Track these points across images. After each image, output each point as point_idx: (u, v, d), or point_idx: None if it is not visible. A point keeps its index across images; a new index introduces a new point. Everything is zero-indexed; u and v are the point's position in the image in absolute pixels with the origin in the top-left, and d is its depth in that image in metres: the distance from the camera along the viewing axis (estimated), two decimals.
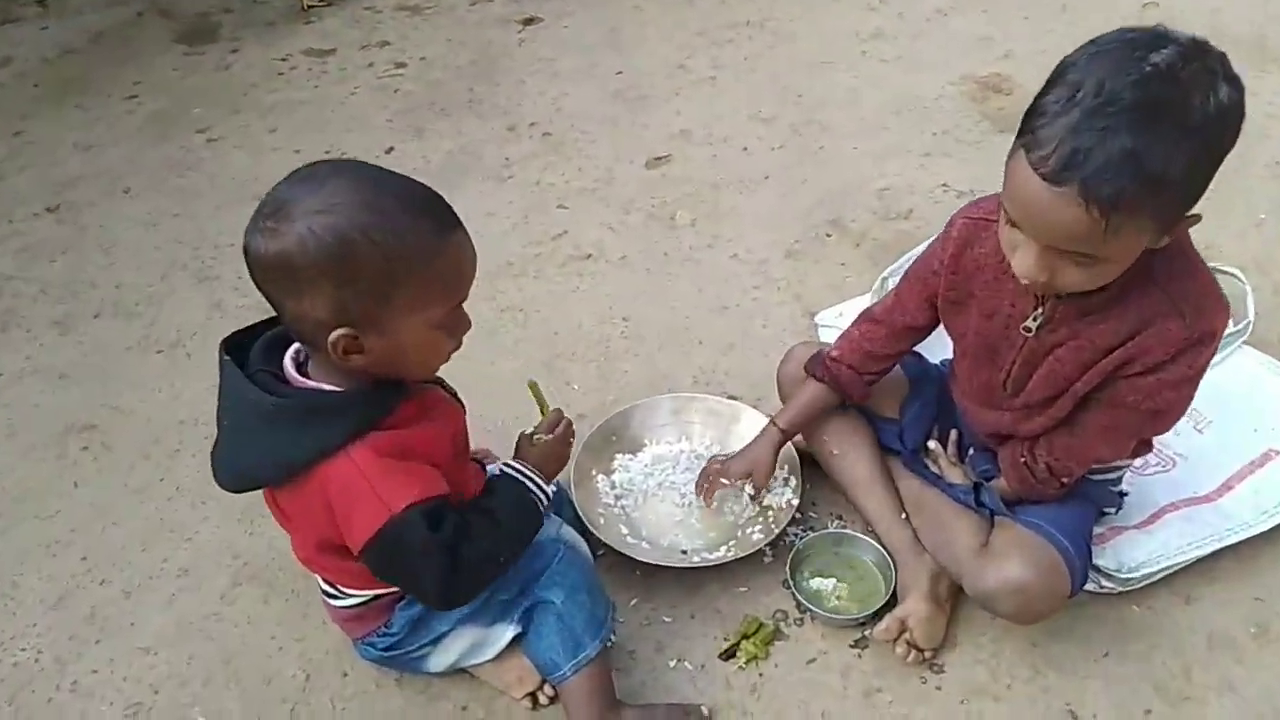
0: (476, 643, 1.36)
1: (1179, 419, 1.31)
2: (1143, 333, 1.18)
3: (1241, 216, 2.21)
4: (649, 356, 1.99)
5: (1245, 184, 2.29)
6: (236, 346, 1.16)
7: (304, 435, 1.11)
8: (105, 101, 2.96)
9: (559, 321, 2.09)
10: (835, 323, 1.94)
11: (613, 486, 1.65)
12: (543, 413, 1.38)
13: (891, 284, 1.78)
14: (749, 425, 1.71)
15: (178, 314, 2.13)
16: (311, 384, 1.14)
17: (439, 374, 1.30)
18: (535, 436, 1.33)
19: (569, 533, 1.37)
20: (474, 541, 1.14)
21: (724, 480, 1.58)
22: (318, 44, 3.30)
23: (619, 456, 1.70)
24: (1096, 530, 1.50)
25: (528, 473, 1.27)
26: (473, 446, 1.34)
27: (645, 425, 1.74)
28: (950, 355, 1.51)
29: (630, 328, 2.06)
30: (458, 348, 1.18)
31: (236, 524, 1.68)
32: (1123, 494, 1.52)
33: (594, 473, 1.65)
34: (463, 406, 1.32)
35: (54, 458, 1.84)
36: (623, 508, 1.63)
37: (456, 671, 1.41)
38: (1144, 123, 0.98)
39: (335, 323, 1.05)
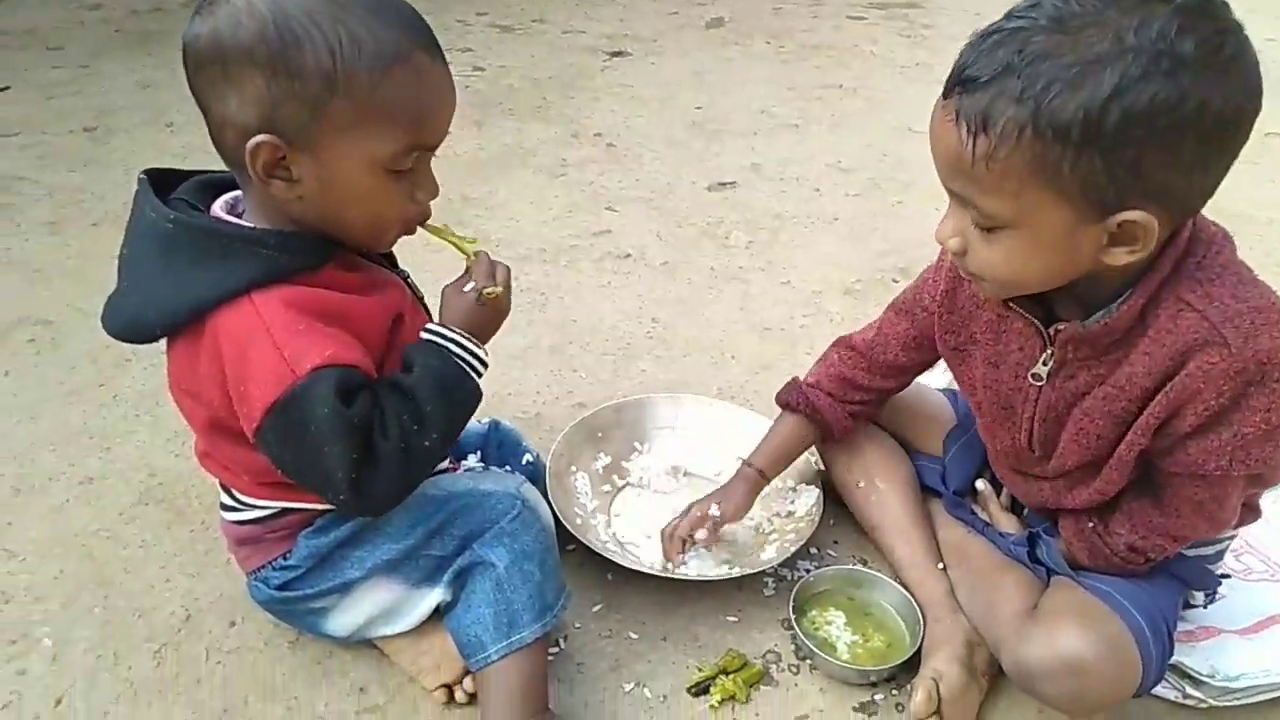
0: (392, 606, 1.09)
1: None
2: (1182, 370, 0.91)
3: None
4: (672, 361, 1.75)
5: None
6: (167, 182, 0.96)
7: (202, 270, 0.89)
8: (177, 53, 2.89)
9: (580, 311, 1.87)
10: None
11: (593, 488, 1.38)
12: (463, 252, 1.06)
13: None
14: (755, 436, 1.42)
15: None
16: (227, 216, 0.93)
17: (409, 272, 1.09)
18: (469, 288, 1.02)
19: (531, 491, 1.10)
20: (389, 425, 0.89)
21: (688, 530, 1.25)
22: None
23: (602, 456, 1.42)
24: (1182, 626, 1.19)
25: (452, 335, 0.98)
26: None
27: (638, 426, 1.48)
28: None
29: (658, 331, 1.83)
30: (421, 216, 0.97)
31: (165, 442, 1.45)
32: (1224, 576, 1.20)
33: (574, 469, 1.39)
34: (428, 312, 1.09)
35: None
36: (604, 513, 1.36)
37: (363, 643, 1.14)
38: (1041, 36, 0.79)
39: (259, 129, 0.85)
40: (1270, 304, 0.90)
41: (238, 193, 0.97)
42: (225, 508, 1.09)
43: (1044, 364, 1.02)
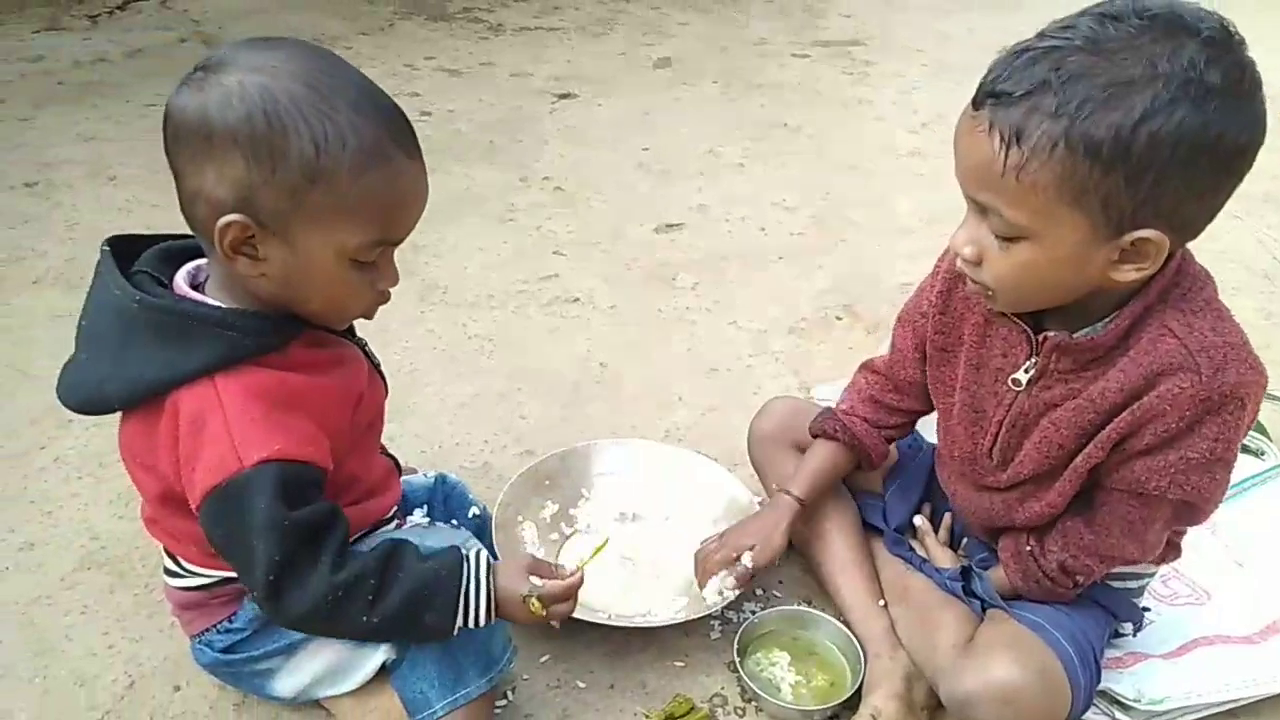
0: (338, 665, 1.10)
1: (1214, 508, 1.07)
2: (1152, 390, 0.96)
3: None
4: (620, 405, 1.77)
5: None
6: (129, 250, 0.97)
7: (166, 350, 0.90)
8: (122, 106, 2.90)
9: (529, 357, 1.89)
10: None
11: (540, 538, 1.39)
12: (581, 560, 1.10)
13: None
14: (702, 479, 1.48)
15: None
16: (192, 294, 0.94)
17: (366, 340, 1.10)
18: (534, 582, 1.02)
19: (475, 546, 1.12)
20: (348, 567, 0.91)
21: (718, 568, 1.27)
22: None
23: (549, 505, 1.44)
24: (1111, 653, 1.23)
25: (485, 585, 0.99)
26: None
27: (586, 472, 1.49)
28: None
29: (606, 374, 1.86)
30: (381, 301, 0.98)
31: (108, 505, 1.45)
32: (1145, 609, 1.25)
33: (521, 519, 1.40)
34: (385, 384, 1.11)
35: None
36: (553, 563, 1.37)
37: (309, 704, 1.14)
38: (1077, 56, 0.83)
39: (233, 208, 0.86)
40: (1242, 343, 0.96)
41: (200, 262, 0.98)
42: (169, 573, 1.09)
43: (1025, 371, 1.05)
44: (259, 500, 0.87)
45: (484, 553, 1.01)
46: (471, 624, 0.98)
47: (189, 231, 0.93)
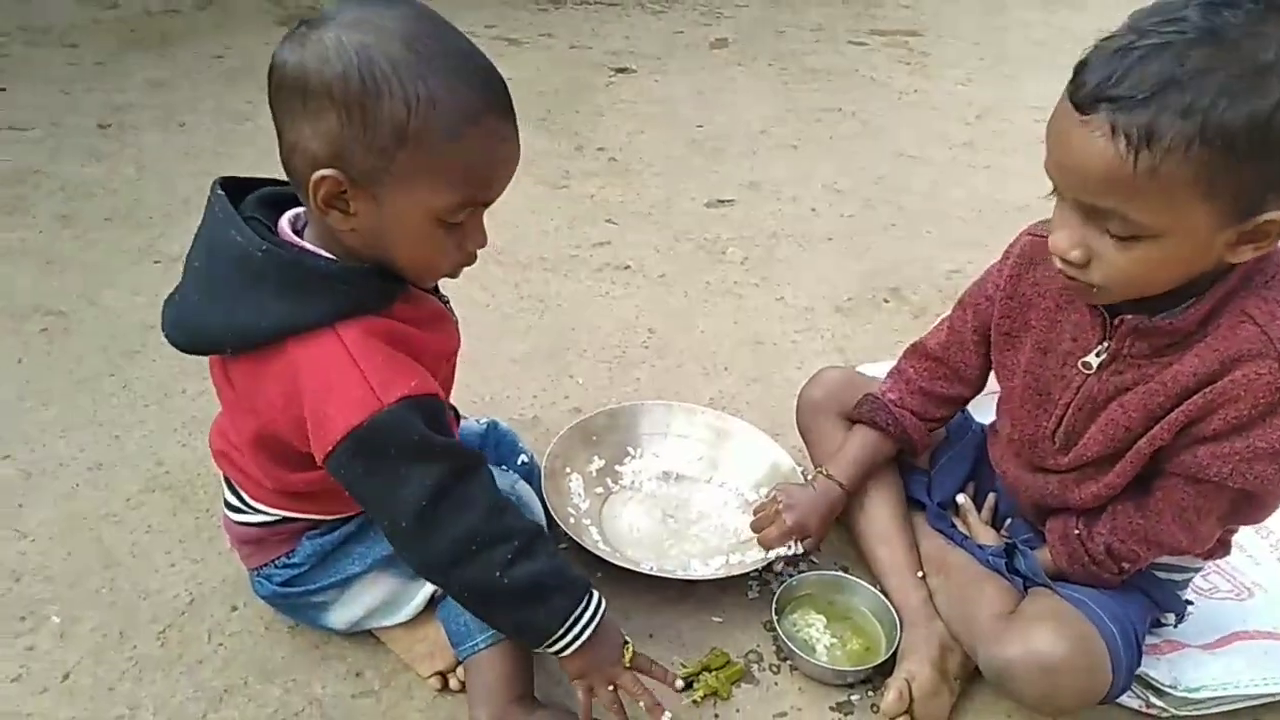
0: (390, 598, 1.14)
1: (1275, 506, 1.07)
2: (1226, 375, 0.95)
3: None
4: (666, 370, 1.80)
5: None
6: (234, 191, 0.98)
7: (288, 300, 0.91)
8: (190, 54, 2.97)
9: (579, 319, 1.92)
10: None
11: (586, 490, 1.43)
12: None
13: None
14: (745, 444, 1.51)
15: (189, 234, 1.99)
16: (307, 245, 0.95)
17: (448, 298, 1.12)
18: (630, 646, 1.07)
19: (524, 489, 1.15)
20: (504, 514, 0.96)
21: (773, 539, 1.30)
22: None
23: (596, 459, 1.47)
24: (1150, 640, 1.24)
25: (600, 608, 1.03)
26: None
27: (633, 430, 1.52)
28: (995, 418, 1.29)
29: (653, 340, 1.88)
30: (467, 262, 0.99)
31: (172, 432, 1.50)
32: (1188, 602, 1.26)
33: (568, 471, 1.43)
34: (459, 339, 1.14)
35: (6, 332, 1.69)
36: (596, 514, 1.41)
37: (360, 633, 1.18)
38: (1198, 50, 0.81)
39: (326, 163, 0.87)
40: None
41: (299, 210, 0.99)
42: (231, 508, 1.12)
43: (1097, 355, 1.05)
44: (409, 433, 0.90)
45: (600, 599, 1.04)
46: (568, 641, 1.00)
47: (284, 178, 0.95)
